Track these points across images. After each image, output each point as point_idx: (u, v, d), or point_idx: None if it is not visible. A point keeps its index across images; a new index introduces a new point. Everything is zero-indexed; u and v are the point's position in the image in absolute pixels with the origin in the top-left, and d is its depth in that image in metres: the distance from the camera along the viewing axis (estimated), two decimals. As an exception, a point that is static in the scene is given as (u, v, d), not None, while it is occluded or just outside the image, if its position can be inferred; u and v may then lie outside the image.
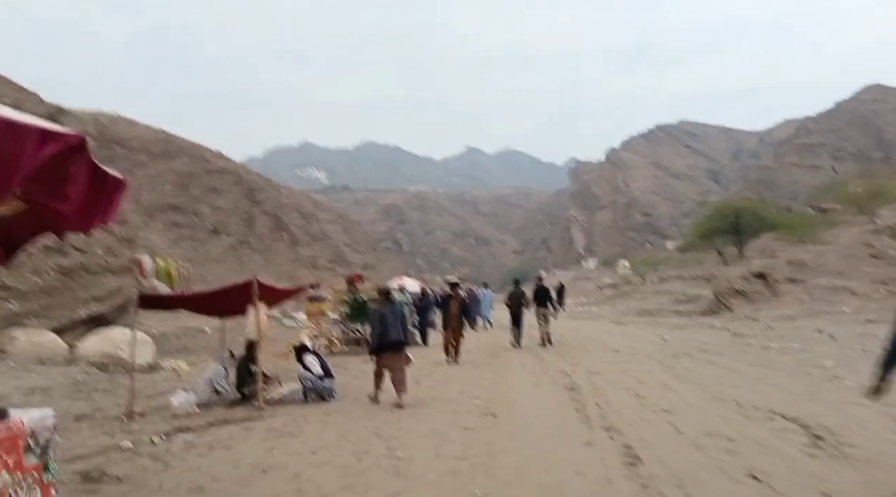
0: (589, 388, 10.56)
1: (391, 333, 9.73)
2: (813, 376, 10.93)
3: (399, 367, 9.71)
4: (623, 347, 16.85)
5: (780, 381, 10.63)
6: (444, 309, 15.76)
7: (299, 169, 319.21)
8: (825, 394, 9.33)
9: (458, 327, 15.20)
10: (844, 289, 24.72)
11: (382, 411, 9.03)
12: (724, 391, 9.82)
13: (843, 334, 16.37)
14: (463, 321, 15.49)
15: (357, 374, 13.47)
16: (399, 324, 9.94)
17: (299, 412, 9.12)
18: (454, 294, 15.73)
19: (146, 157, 61.82)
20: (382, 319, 9.80)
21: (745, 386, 10.27)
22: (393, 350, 9.73)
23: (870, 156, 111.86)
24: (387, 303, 10.30)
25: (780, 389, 9.83)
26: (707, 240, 51.55)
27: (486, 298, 28.04)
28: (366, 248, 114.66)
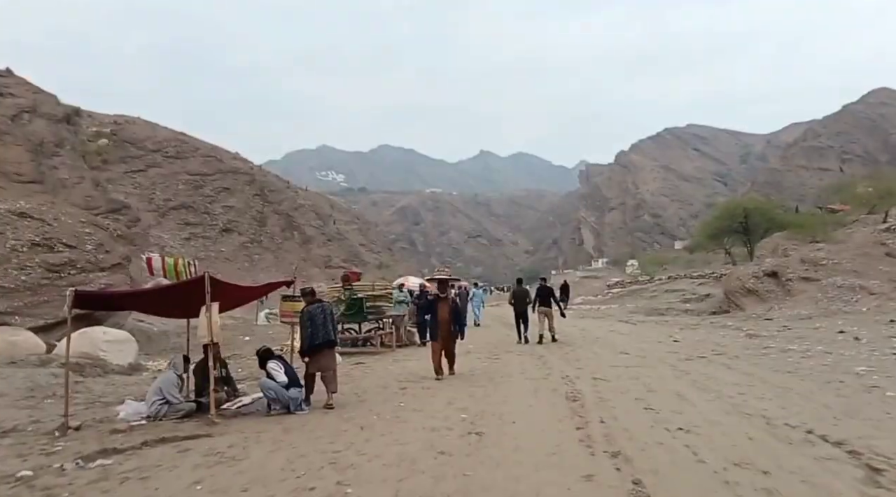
0: (593, 398, 9.31)
1: (321, 333, 9.43)
2: (847, 385, 9.65)
3: (330, 368, 9.54)
4: (632, 349, 15.57)
5: (810, 390, 9.36)
6: (430, 314, 12.50)
7: (318, 171, 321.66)
8: (867, 408, 8.05)
9: (448, 337, 12.20)
10: (861, 287, 23.51)
11: (351, 428, 7.78)
12: (749, 403, 8.55)
13: (868, 336, 15.08)
14: (455, 329, 12.44)
15: (342, 379, 12.23)
16: (330, 323, 9.61)
17: (255, 428, 7.89)
18: (443, 295, 12.48)
19: (161, 157, 61.25)
20: (312, 319, 9.39)
21: (771, 396, 9.01)
22: (324, 350, 9.51)
23: (877, 158, 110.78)
24: (315, 302, 9.71)
25: (812, 402, 8.56)
26: (716, 239, 50.56)
27: (477, 297, 27.85)
28: (381, 247, 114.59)
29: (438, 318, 12.14)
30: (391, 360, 14.87)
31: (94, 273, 20.00)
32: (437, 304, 12.31)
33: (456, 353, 12.55)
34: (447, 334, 12.15)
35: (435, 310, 12.30)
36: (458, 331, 12.49)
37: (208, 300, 8.11)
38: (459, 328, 12.55)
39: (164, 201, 52.93)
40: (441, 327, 12.09)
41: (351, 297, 17.80)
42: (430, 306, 12.48)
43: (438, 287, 12.72)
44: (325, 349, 9.56)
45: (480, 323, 26.77)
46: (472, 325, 26.19)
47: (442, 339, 12.08)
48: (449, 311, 12.24)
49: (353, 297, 17.79)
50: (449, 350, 12.22)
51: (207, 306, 8.08)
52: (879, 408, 8.06)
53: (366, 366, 14.14)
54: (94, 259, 20.57)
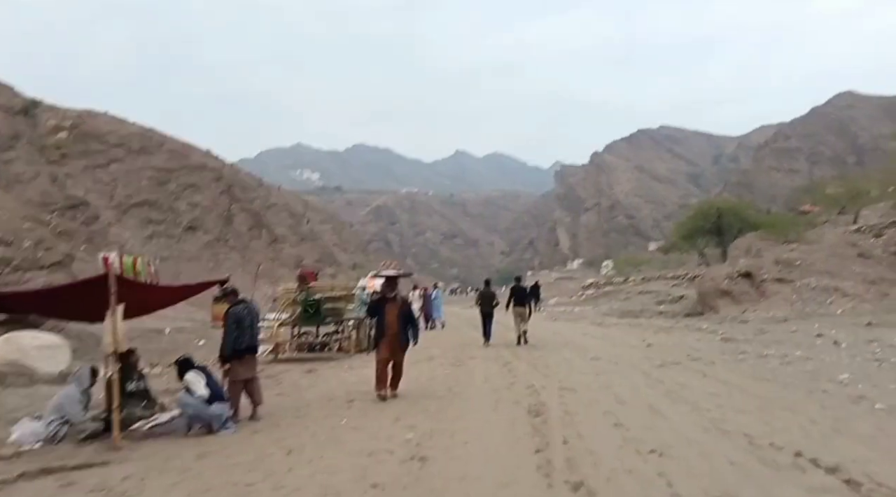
0: (559, 412, 8.41)
1: (246, 338, 8.65)
2: (831, 395, 8.86)
3: (254, 376, 8.83)
4: (604, 354, 14.72)
5: (793, 402, 8.55)
6: (375, 317, 10.36)
7: (292, 170, 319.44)
8: (857, 423, 7.24)
9: (397, 346, 10.01)
10: (835, 289, 23.04)
11: (276, 452, 6.78)
12: (728, 418, 7.70)
13: (847, 340, 14.39)
14: (405, 337, 10.20)
15: (286, 390, 11.28)
16: (255, 326, 8.98)
17: (165, 453, 6.85)
18: (391, 294, 10.30)
19: (123, 152, 59.29)
20: (238, 321, 8.51)
21: (751, 410, 8.17)
22: (247, 357, 8.72)
23: (845, 160, 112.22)
24: (240, 302, 8.86)
25: (796, 415, 7.74)
26: (690, 240, 50.33)
27: (437, 299, 27.47)
28: (355, 248, 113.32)
29: (385, 323, 10.00)
30: (346, 367, 13.87)
31: (31, 272, 18.73)
32: (384, 307, 10.13)
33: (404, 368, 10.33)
34: (395, 343, 9.97)
35: (381, 313, 10.11)
36: (409, 339, 10.23)
37: (113, 302, 7.05)
38: (412, 335, 10.27)
39: (126, 198, 51.14)
40: (387, 334, 9.95)
41: (307, 298, 16.78)
42: (375, 309, 10.35)
43: (385, 286, 10.52)
44: (249, 356, 8.69)
45: (443, 324, 26.31)
46: (438, 328, 25.61)
47: (387, 349, 9.93)
48: (398, 315, 10.06)
49: (310, 298, 16.77)
50: (397, 362, 10.02)
51: (112, 309, 7.02)
52: (870, 422, 7.26)
53: (317, 374, 13.12)
54: (31, 257, 19.28)
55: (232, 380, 8.53)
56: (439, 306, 27.43)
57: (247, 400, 8.71)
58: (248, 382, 8.65)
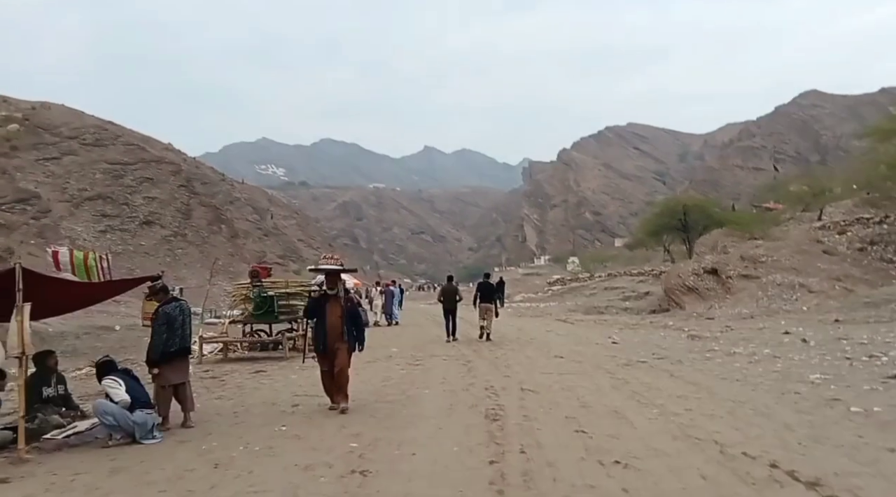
0: (517, 417, 7.83)
1: (177, 339, 7.91)
2: (804, 398, 8.43)
3: (185, 380, 8.10)
4: (568, 352, 14.24)
5: (765, 405, 8.09)
6: (315, 317, 8.95)
7: (257, 165, 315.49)
8: (835, 429, 6.78)
9: (341, 350, 8.60)
10: (800, 285, 22.94)
11: (202, 466, 6.08)
12: (698, 423, 7.19)
13: (815, 337, 14.11)
14: (350, 339, 8.74)
15: (228, 393, 10.53)
16: (188, 326, 8.25)
17: (76, 468, 6.08)
18: (332, 291, 8.84)
19: (77, 144, 57.66)
20: (169, 321, 7.78)
21: (721, 414, 7.69)
22: (178, 360, 8.01)
23: (808, 158, 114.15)
24: (170, 300, 8.12)
25: (770, 420, 7.26)
26: (656, 236, 50.18)
27: (395, 296, 26.93)
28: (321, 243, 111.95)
29: (326, 325, 8.61)
30: (297, 368, 13.11)
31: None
32: (325, 306, 8.72)
33: (357, 368, 9.30)
34: (337, 346, 8.59)
35: (321, 313, 8.71)
36: (355, 342, 8.81)
37: (19, 300, 6.27)
38: (356, 338, 8.82)
39: (79, 191, 49.76)
40: (329, 336, 8.56)
41: (260, 294, 15.98)
42: (314, 309, 8.95)
43: (326, 282, 8.99)
44: (180, 359, 7.98)
45: (397, 322, 25.82)
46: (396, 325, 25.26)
47: (330, 354, 8.59)
48: (341, 315, 8.64)
49: (263, 294, 15.97)
50: (342, 369, 8.62)
51: (18, 307, 6.25)
52: (848, 428, 6.80)
53: (265, 375, 12.38)
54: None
55: (160, 385, 7.79)
56: (397, 304, 27.07)
57: (178, 406, 7.98)
58: (178, 388, 7.92)
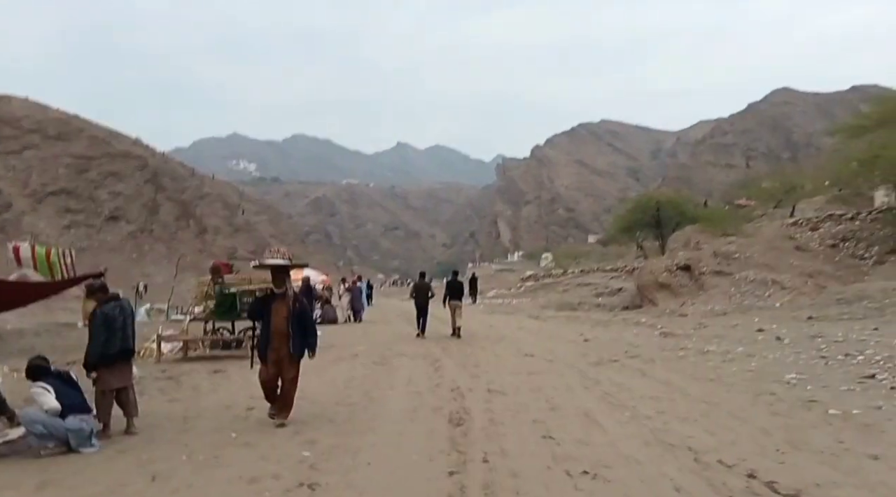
0: (483, 420, 7.44)
1: (118, 340, 7.27)
2: (780, 399, 8.13)
3: (128, 385, 7.49)
4: (539, 350, 13.88)
5: (740, 407, 7.78)
6: (260, 318, 7.82)
7: (229, 160, 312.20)
8: (813, 434, 6.48)
9: (286, 358, 7.55)
10: (773, 282, 22.82)
11: (138, 479, 5.59)
12: (671, 428, 6.86)
13: (789, 335, 13.87)
14: (297, 345, 7.59)
15: (183, 395, 9.98)
16: (130, 327, 7.51)
17: None
18: (280, 290, 7.68)
19: (40, 138, 56.19)
20: (108, 322, 7.21)
21: (696, 417, 7.37)
22: (119, 363, 7.34)
23: (779, 155, 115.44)
24: (110, 299, 7.52)
25: (745, 424, 6.94)
26: (628, 233, 50.20)
27: (361, 292, 26.78)
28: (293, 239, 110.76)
29: (271, 328, 7.53)
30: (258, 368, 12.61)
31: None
32: (270, 306, 7.60)
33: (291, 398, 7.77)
34: (284, 354, 7.52)
35: (266, 314, 7.62)
36: (304, 347, 7.71)
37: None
38: (307, 343, 7.73)
39: (42, 186, 48.49)
40: (274, 341, 7.49)
41: (222, 291, 15.39)
42: (259, 309, 7.86)
43: (273, 278, 7.82)
44: (121, 362, 7.38)
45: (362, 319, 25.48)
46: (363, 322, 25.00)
47: (274, 363, 7.54)
48: (288, 317, 7.51)
49: (225, 291, 15.40)
50: (287, 380, 7.61)
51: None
52: (828, 433, 6.50)
53: (224, 375, 11.81)
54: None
55: (101, 390, 7.25)
56: (364, 300, 27.10)
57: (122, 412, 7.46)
58: (120, 392, 7.39)
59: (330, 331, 21.10)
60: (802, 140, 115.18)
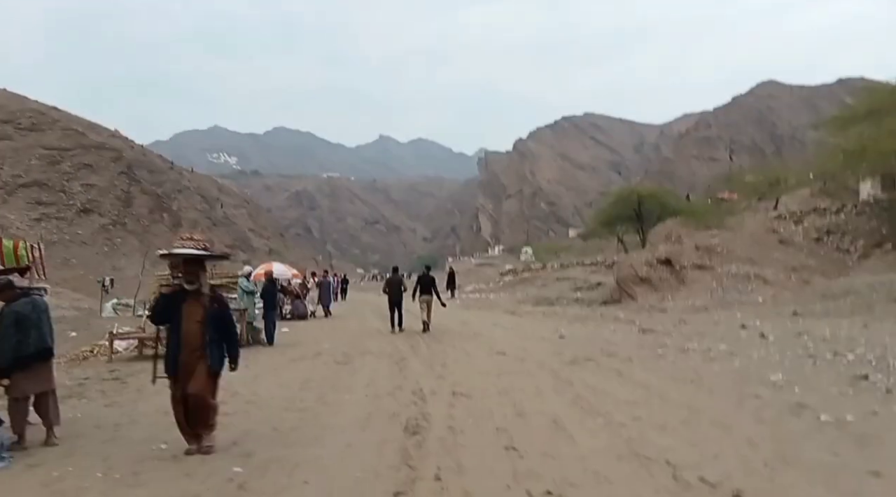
0: (441, 429, 6.75)
1: (32, 341, 6.43)
2: (766, 403, 7.50)
3: (46, 388, 6.65)
4: (511, 348, 13.21)
5: (723, 413, 7.14)
6: (166, 322, 6.29)
7: (210, 153, 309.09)
8: (804, 444, 5.85)
9: (200, 370, 6.01)
10: (756, 276, 22.36)
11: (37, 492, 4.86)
12: (647, 437, 6.20)
13: (774, 332, 13.30)
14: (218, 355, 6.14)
15: (123, 398, 9.20)
16: (45, 326, 6.65)
17: None
18: (192, 286, 6.13)
19: (12, 129, 54.76)
20: (19, 322, 6.36)
21: (675, 424, 6.71)
22: (35, 366, 6.51)
23: (763, 149, 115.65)
24: (19, 296, 6.68)
25: (729, 433, 6.30)
26: (609, 227, 49.71)
27: (330, 287, 26.77)
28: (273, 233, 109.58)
29: (181, 334, 6.00)
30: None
31: None
32: (180, 307, 6.07)
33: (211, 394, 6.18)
34: (196, 366, 6.00)
35: (176, 317, 6.07)
36: (221, 359, 6.20)
37: None
38: (226, 352, 6.25)
39: (13, 178, 47.25)
40: (184, 349, 5.98)
41: (181, 286, 14.58)
42: (164, 311, 6.24)
43: (183, 271, 6.21)
44: (38, 364, 6.56)
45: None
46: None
47: (185, 376, 5.99)
48: (202, 320, 6.04)
49: (184, 286, 14.58)
50: (200, 396, 5.99)
51: None
52: (820, 444, 5.86)
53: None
54: None
55: (13, 397, 6.48)
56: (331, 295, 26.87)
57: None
58: (39, 399, 6.62)
59: (299, 326, 20.41)
60: (787, 133, 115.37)
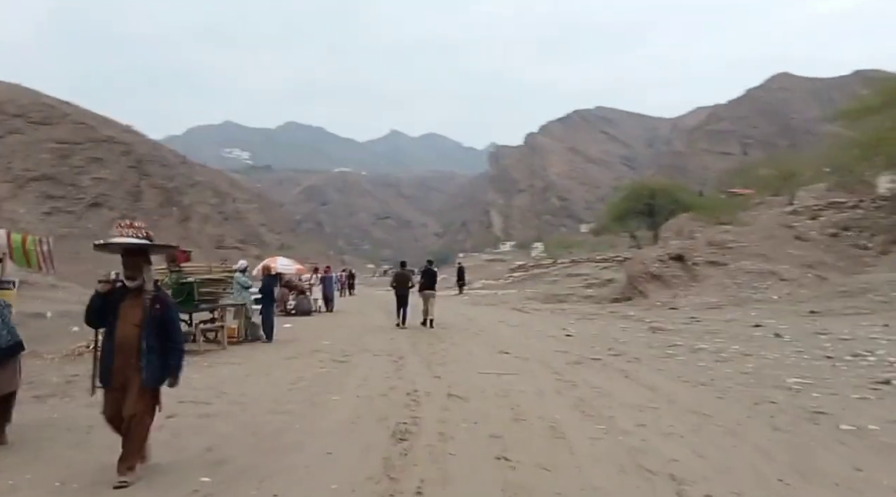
0: (431, 435, 6.29)
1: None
2: (782, 409, 6.99)
3: (10, 389, 6.18)
4: (515, 347, 12.71)
5: (735, 420, 6.63)
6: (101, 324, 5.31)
7: (222, 148, 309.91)
8: (824, 456, 5.34)
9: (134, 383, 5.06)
10: (771, 273, 21.69)
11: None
12: (652, 447, 5.71)
13: (789, 331, 12.77)
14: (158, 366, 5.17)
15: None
16: (6, 321, 6.19)
17: None
18: (134, 282, 5.18)
19: (23, 123, 54.63)
20: None
21: (682, 431, 6.22)
22: (6, 363, 6.04)
23: (776, 143, 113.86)
24: None
25: (742, 442, 5.81)
26: (621, 222, 49.07)
27: (332, 282, 26.51)
28: (284, 228, 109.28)
29: (115, 338, 5.14)
30: (204, 366, 11.41)
31: None
32: (118, 307, 5.19)
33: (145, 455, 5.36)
34: (130, 377, 5.08)
35: (112, 317, 5.20)
36: (160, 372, 5.25)
37: None
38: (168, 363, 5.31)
39: (24, 171, 47.12)
40: (118, 357, 5.10)
41: (178, 280, 14.15)
42: (101, 309, 5.24)
43: (123, 265, 5.26)
44: (7, 360, 6.13)
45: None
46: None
47: (118, 390, 5.13)
48: (142, 323, 5.12)
49: (181, 280, 14.16)
50: (133, 415, 5.09)
51: None
52: (841, 456, 5.36)
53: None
54: None
55: None
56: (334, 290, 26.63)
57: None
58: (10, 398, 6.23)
59: (301, 322, 20.00)
60: (801, 127, 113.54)
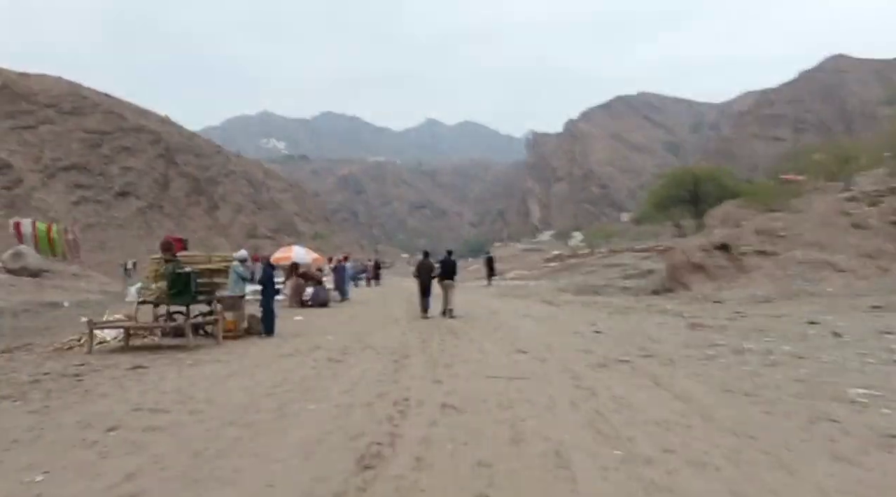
0: (407, 459, 5.12)
1: None
2: (846, 430, 5.64)
3: None
4: (535, 345, 11.45)
5: (784, 443, 5.31)
6: None
7: (260, 138, 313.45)
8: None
9: None
10: (826, 263, 19.98)
11: None
12: (678, 484, 4.44)
13: (849, 329, 11.28)
14: None
15: (56, 403, 7.80)
16: None
17: None
18: None
19: (54, 112, 55.11)
20: None
21: (717, 462, 4.91)
22: None
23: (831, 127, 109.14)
24: None
25: (794, 479, 4.50)
26: (663, 210, 47.13)
27: (346, 272, 26.26)
28: (318, 217, 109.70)
29: None
30: (188, 364, 10.42)
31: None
32: None
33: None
34: None
35: None
36: None
37: None
38: None
39: (53, 161, 47.38)
40: None
41: (174, 270, 13.25)
42: None
43: None
44: None
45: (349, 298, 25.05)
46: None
47: None
48: None
49: (177, 270, 13.26)
50: None
51: None
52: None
53: (139, 373, 9.64)
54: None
55: None
56: (348, 281, 26.55)
57: None
58: None
59: (314, 314, 19.09)
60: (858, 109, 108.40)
